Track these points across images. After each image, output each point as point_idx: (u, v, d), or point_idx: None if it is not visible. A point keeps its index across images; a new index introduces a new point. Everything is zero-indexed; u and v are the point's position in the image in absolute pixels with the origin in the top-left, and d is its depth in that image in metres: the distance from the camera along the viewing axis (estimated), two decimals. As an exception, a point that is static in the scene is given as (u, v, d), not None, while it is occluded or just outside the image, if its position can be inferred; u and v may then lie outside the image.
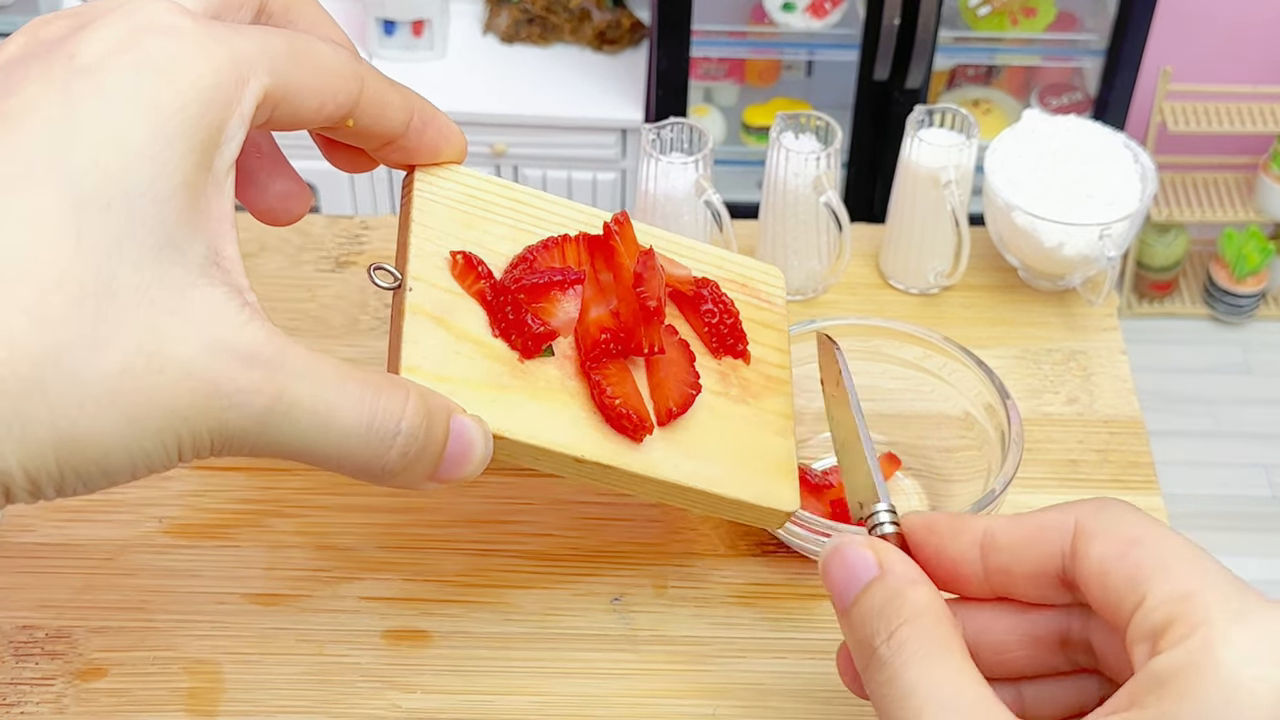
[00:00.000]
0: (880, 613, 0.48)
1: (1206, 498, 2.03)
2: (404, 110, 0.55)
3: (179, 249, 0.44)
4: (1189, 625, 0.43)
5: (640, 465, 0.60)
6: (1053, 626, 0.50)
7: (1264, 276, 2.23)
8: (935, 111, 0.85)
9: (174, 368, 0.43)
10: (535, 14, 2.08)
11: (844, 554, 0.50)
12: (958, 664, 0.46)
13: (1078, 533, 0.48)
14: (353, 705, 0.66)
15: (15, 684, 0.67)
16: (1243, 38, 2.17)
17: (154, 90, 0.44)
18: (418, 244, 0.59)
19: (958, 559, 0.50)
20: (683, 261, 0.66)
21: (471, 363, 0.57)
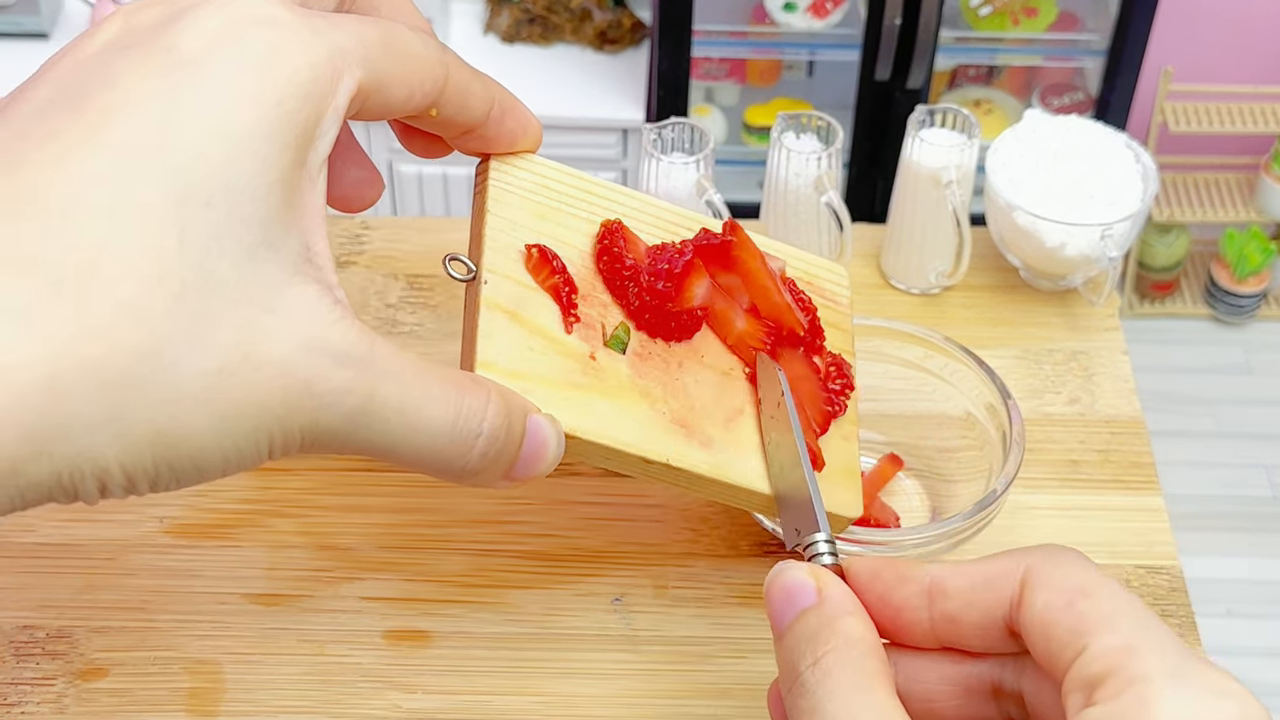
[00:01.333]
0: (810, 639, 0.47)
1: (1207, 498, 2.03)
2: (485, 99, 0.55)
3: (275, 246, 0.44)
4: (1126, 680, 0.43)
5: (708, 468, 0.59)
6: (987, 677, 0.50)
7: (1265, 277, 2.23)
8: (936, 111, 0.85)
9: (270, 366, 0.43)
10: (536, 14, 2.08)
11: (785, 578, 0.50)
12: (881, 699, 0.45)
13: (1026, 580, 0.47)
14: (353, 705, 0.66)
15: (16, 684, 0.67)
16: (1244, 38, 2.17)
17: (254, 84, 0.43)
18: (492, 235, 0.58)
19: (902, 606, 0.49)
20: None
21: (545, 359, 0.57)
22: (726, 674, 0.68)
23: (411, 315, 0.84)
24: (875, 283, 0.89)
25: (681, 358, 0.61)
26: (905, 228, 0.86)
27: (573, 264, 0.59)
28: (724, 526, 0.73)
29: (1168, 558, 0.74)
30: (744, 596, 0.71)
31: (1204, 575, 1.91)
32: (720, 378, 0.61)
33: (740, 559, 0.72)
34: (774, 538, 0.72)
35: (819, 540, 0.53)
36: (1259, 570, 1.96)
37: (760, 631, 0.69)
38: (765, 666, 0.68)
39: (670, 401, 0.59)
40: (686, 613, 0.70)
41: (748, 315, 0.63)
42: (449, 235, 0.90)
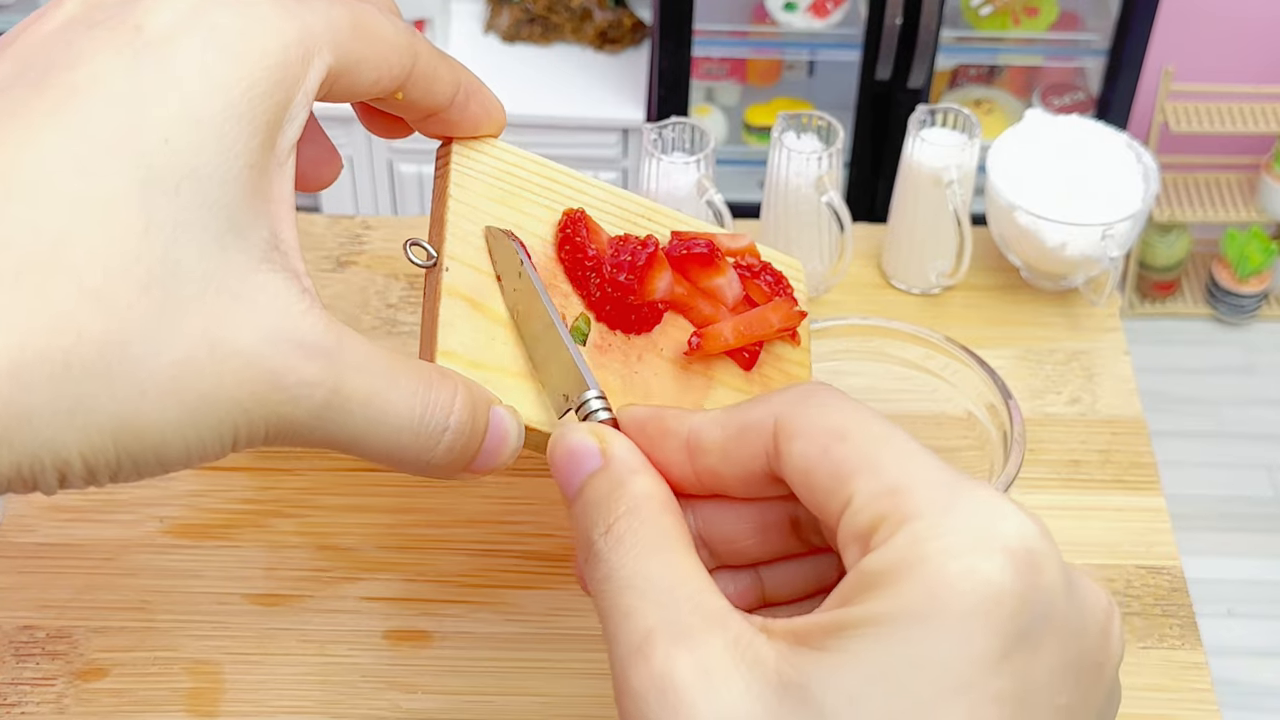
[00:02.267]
0: (600, 504, 0.46)
1: (1209, 498, 2.03)
2: (451, 83, 0.54)
3: (242, 233, 0.43)
4: (896, 522, 0.41)
5: None
6: (779, 513, 0.48)
7: (1266, 277, 2.23)
8: (937, 111, 0.85)
9: (236, 358, 0.42)
10: (536, 13, 2.08)
11: (568, 441, 0.48)
12: (676, 557, 0.44)
13: (778, 430, 0.45)
14: (354, 705, 0.66)
15: (16, 684, 0.67)
16: (1245, 38, 2.17)
17: (223, 66, 0.42)
18: (454, 221, 0.57)
19: (667, 463, 0.48)
20: (667, 234, 0.64)
21: (505, 349, 0.56)
22: (727, 674, 0.68)
23: (412, 315, 0.84)
24: (876, 283, 0.89)
25: (641, 350, 0.60)
26: (906, 228, 0.86)
27: (534, 251, 0.59)
28: (725, 526, 0.73)
29: (1169, 558, 0.74)
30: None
31: (1205, 575, 1.91)
32: (679, 372, 0.61)
33: (741, 559, 0.72)
34: (775, 538, 0.72)
35: (590, 398, 0.50)
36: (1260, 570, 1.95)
37: (761, 632, 0.69)
38: (766, 667, 0.68)
39: (629, 395, 0.59)
40: (687, 613, 0.70)
41: (717, 305, 0.62)
42: (449, 235, 0.90)
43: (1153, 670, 0.69)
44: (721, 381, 0.62)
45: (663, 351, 0.61)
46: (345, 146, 1.90)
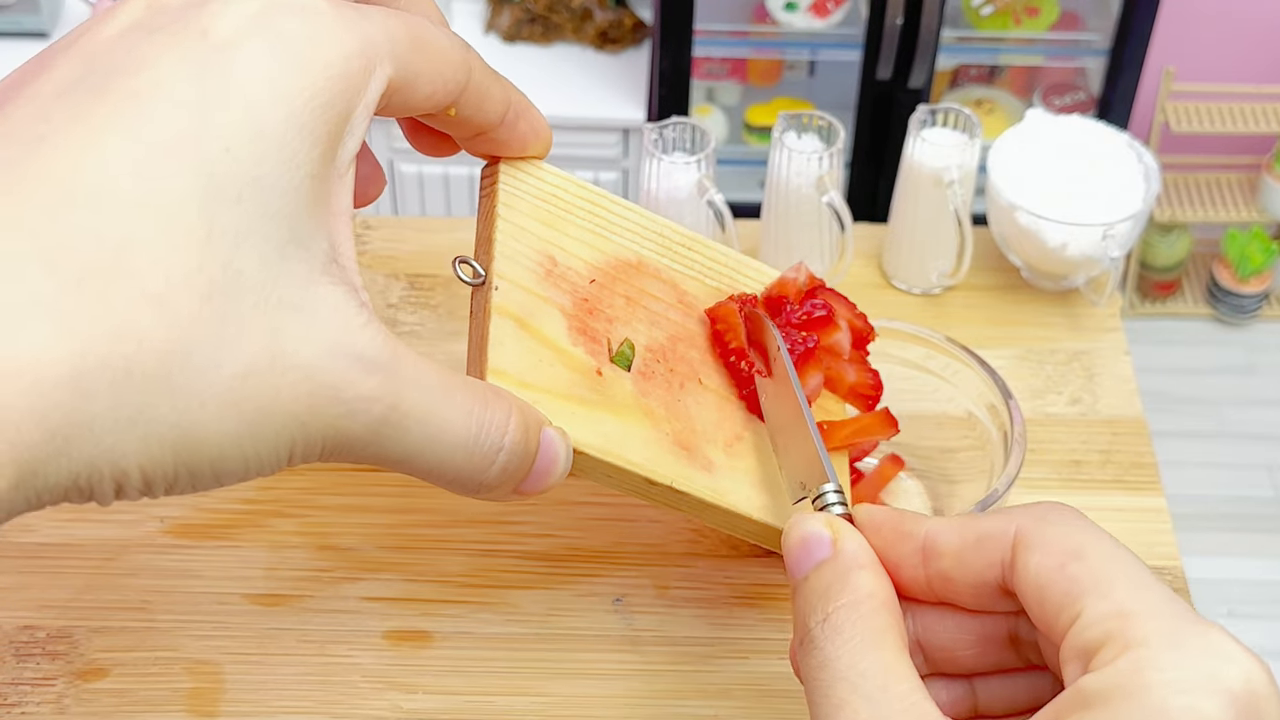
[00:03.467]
0: (822, 593, 0.46)
1: (1210, 499, 2.03)
2: (502, 101, 0.53)
3: (303, 245, 0.42)
4: (1121, 645, 0.41)
5: (710, 493, 0.58)
6: (1002, 627, 0.49)
7: (1267, 277, 2.23)
8: (938, 111, 0.85)
9: (296, 371, 0.41)
10: (537, 13, 2.08)
11: (803, 529, 0.49)
12: (891, 656, 0.44)
13: (1017, 542, 0.46)
14: (354, 706, 0.66)
15: (16, 684, 0.67)
16: (1246, 38, 2.17)
17: (288, 76, 0.42)
18: (503, 240, 0.57)
19: (899, 562, 0.48)
20: (745, 280, 0.65)
21: (553, 371, 0.55)
22: (728, 674, 0.68)
23: (412, 315, 0.84)
24: (876, 283, 0.89)
25: (683, 379, 0.60)
26: (907, 228, 0.86)
27: (577, 274, 0.59)
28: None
29: (1169, 558, 0.74)
30: (745, 597, 0.71)
31: (1206, 576, 1.91)
32: (719, 401, 0.61)
33: (741, 559, 0.72)
34: (775, 538, 0.72)
35: (828, 490, 0.51)
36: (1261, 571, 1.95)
37: (762, 632, 0.69)
38: (767, 667, 0.68)
39: (673, 422, 0.58)
40: (688, 613, 0.70)
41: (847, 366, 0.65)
42: (450, 235, 0.90)
43: (1153, 670, 0.69)
44: (758, 416, 0.62)
45: (703, 381, 0.61)
46: (346, 146, 1.90)
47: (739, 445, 0.60)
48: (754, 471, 0.60)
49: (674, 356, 0.60)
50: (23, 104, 0.41)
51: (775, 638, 0.69)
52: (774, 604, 0.70)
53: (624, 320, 0.59)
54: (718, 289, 0.64)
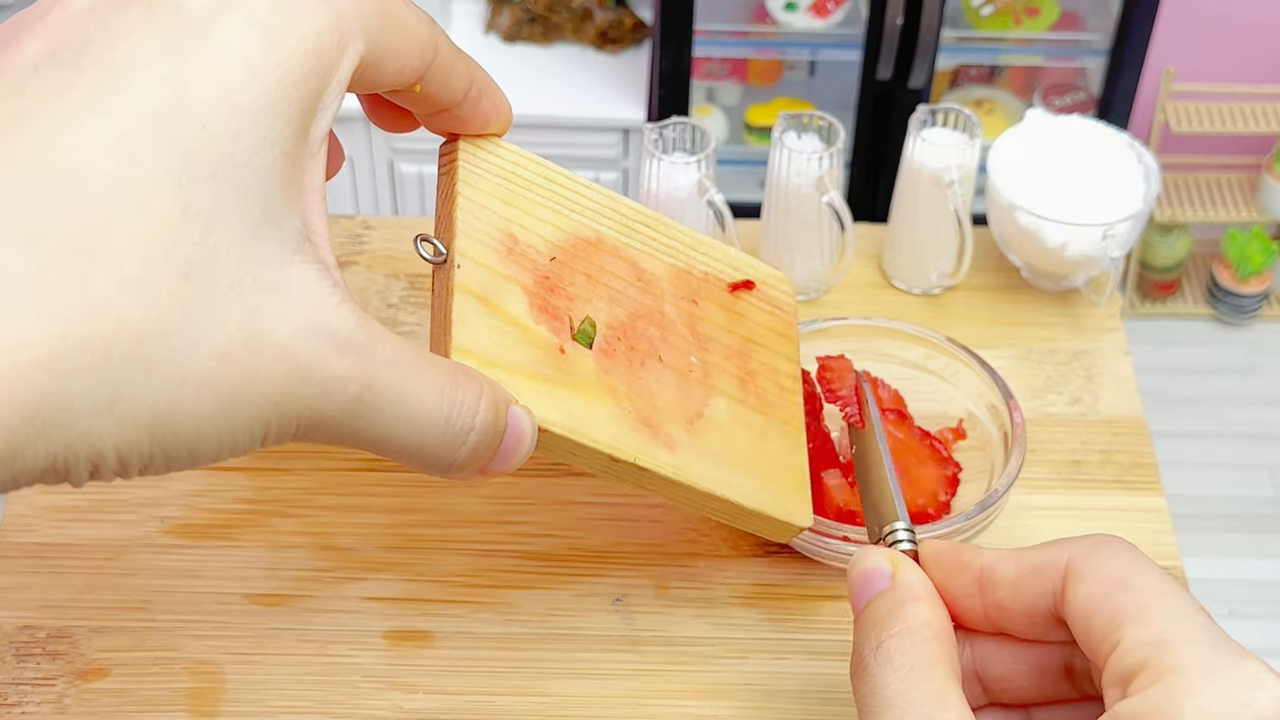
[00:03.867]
0: (877, 623, 0.48)
1: (1210, 499, 2.03)
2: (466, 78, 0.53)
3: (276, 223, 0.42)
4: (1157, 673, 0.43)
5: (672, 470, 0.59)
6: (1058, 657, 0.50)
7: (1267, 277, 2.23)
8: (938, 111, 0.84)
9: (271, 350, 0.41)
10: (537, 13, 2.08)
11: (864, 561, 0.51)
12: (940, 685, 0.45)
13: (1068, 572, 0.47)
14: (354, 706, 0.66)
15: (16, 684, 0.67)
16: (1246, 38, 2.17)
17: (262, 52, 0.41)
18: (463, 219, 0.57)
19: (957, 594, 0.50)
20: (703, 258, 0.66)
21: (517, 349, 0.56)
22: (728, 675, 0.68)
23: (412, 315, 0.84)
24: (877, 283, 0.89)
25: (644, 356, 0.60)
26: (907, 228, 0.86)
27: (538, 252, 0.59)
28: (725, 527, 0.73)
29: (1170, 558, 0.74)
30: (745, 597, 0.71)
31: (1206, 576, 1.91)
32: (679, 379, 0.61)
33: (741, 559, 0.72)
34: (775, 538, 0.72)
35: (899, 528, 0.54)
36: (1261, 571, 1.95)
37: (762, 632, 0.69)
38: (767, 667, 0.68)
39: (635, 400, 0.59)
40: (688, 613, 0.70)
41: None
42: (450, 235, 0.90)
43: (1154, 670, 0.69)
44: (721, 391, 0.62)
45: (664, 359, 0.61)
46: (346, 146, 1.90)
47: (700, 423, 0.61)
48: (716, 448, 0.61)
49: (634, 334, 0.60)
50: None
51: (775, 638, 0.69)
52: (774, 604, 0.70)
53: (585, 298, 0.59)
54: (674, 266, 0.64)
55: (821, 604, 0.71)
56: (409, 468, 0.48)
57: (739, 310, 0.66)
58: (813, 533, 0.67)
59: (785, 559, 0.72)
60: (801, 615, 0.70)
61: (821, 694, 0.67)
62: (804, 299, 0.87)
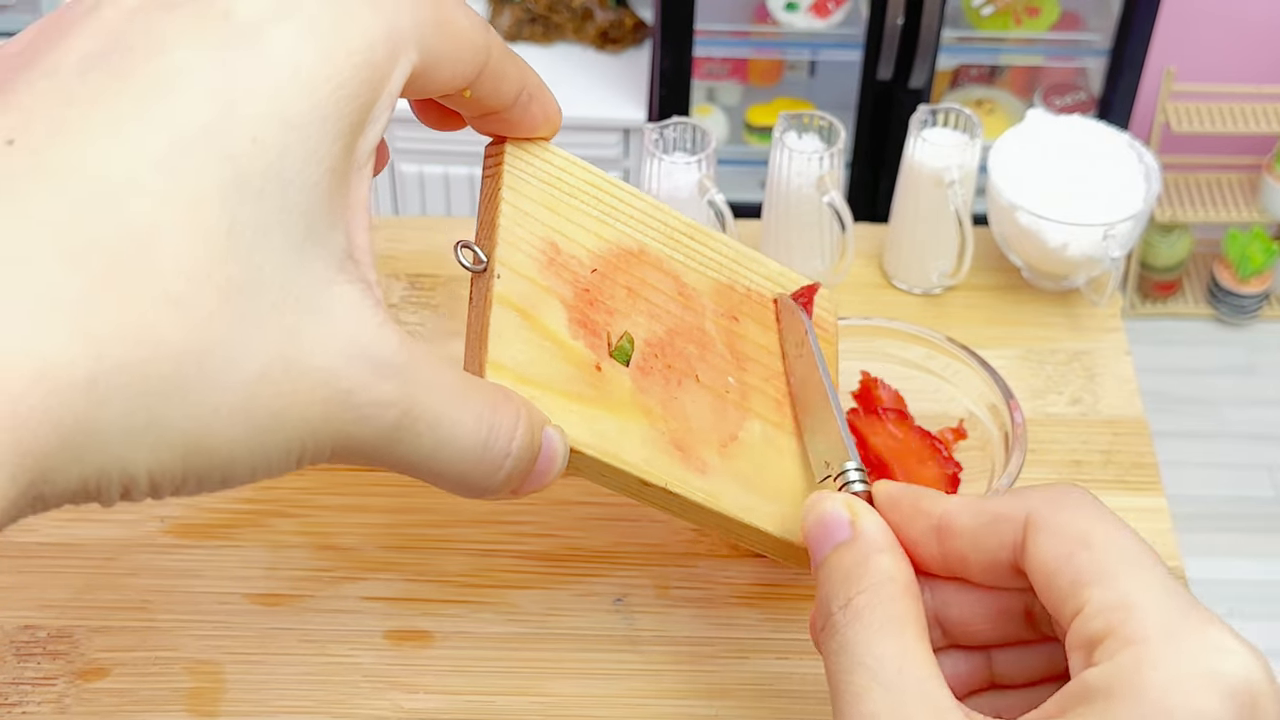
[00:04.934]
0: (844, 577, 0.47)
1: (1210, 499, 2.03)
2: (517, 82, 0.51)
3: (320, 241, 0.40)
4: (1122, 639, 0.42)
5: (704, 496, 0.56)
6: (1017, 603, 0.49)
7: (1268, 277, 2.23)
8: (939, 111, 0.85)
9: (311, 374, 0.40)
10: (538, 13, 2.08)
11: (821, 509, 0.49)
12: (909, 642, 0.45)
13: (1029, 525, 0.46)
14: (355, 705, 0.66)
15: (17, 684, 0.67)
16: (1247, 38, 2.17)
17: (314, 63, 0.40)
18: (506, 226, 0.55)
19: (916, 540, 0.49)
20: (746, 274, 0.63)
21: (553, 365, 0.53)
22: (729, 674, 0.68)
23: (413, 315, 0.84)
24: (877, 283, 0.89)
25: (681, 375, 0.58)
26: (907, 228, 0.86)
27: (579, 262, 0.57)
28: (726, 527, 0.73)
29: (1170, 558, 0.74)
30: (746, 596, 0.71)
31: (1206, 576, 1.91)
32: (715, 400, 0.59)
33: (742, 559, 0.72)
34: (776, 538, 0.72)
35: (850, 469, 0.52)
36: (1261, 571, 1.95)
37: (762, 631, 0.69)
38: (768, 667, 0.68)
39: (670, 421, 0.57)
40: (688, 613, 0.70)
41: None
42: (450, 235, 0.90)
43: (1154, 671, 0.69)
44: (757, 414, 0.60)
45: (700, 379, 0.59)
46: (346, 146, 1.90)
47: (734, 446, 0.59)
48: (748, 475, 0.59)
49: (672, 352, 0.58)
50: (41, 77, 0.39)
51: (776, 637, 0.69)
52: (774, 603, 0.70)
53: (624, 312, 0.57)
54: (717, 281, 0.62)
55: (822, 604, 0.71)
56: (446, 490, 0.47)
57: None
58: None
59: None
60: (802, 615, 0.70)
61: (822, 693, 0.67)
62: (804, 299, 0.87)
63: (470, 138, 0.58)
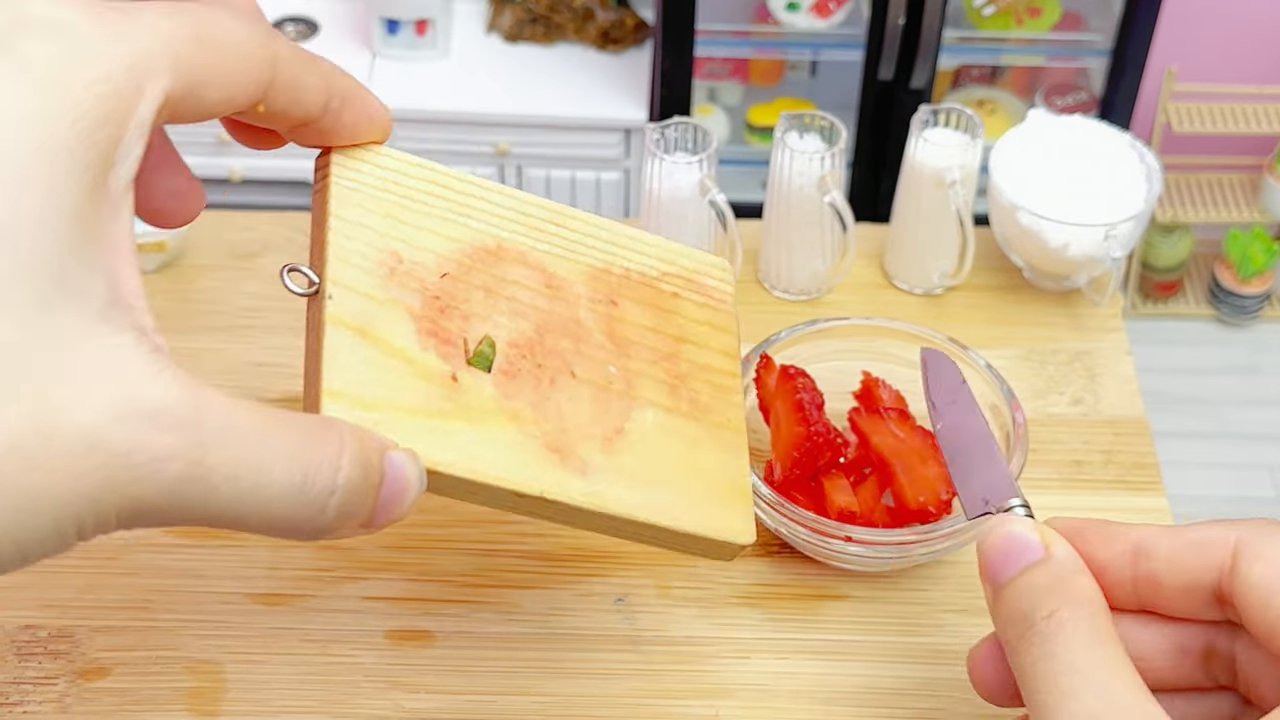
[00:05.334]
0: (1046, 590, 0.48)
1: (1211, 499, 2.03)
2: (321, 91, 0.48)
3: (73, 291, 0.37)
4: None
5: (585, 498, 0.53)
6: (1200, 639, 0.50)
7: (1269, 278, 2.23)
8: (940, 111, 0.85)
9: (74, 440, 0.36)
10: (539, 13, 2.08)
11: (1009, 532, 0.50)
12: (1116, 655, 0.46)
13: (1239, 551, 0.48)
14: (356, 705, 0.66)
15: (18, 683, 0.67)
16: (1248, 38, 2.17)
17: (39, 101, 0.37)
18: (336, 241, 0.51)
19: (1105, 565, 0.50)
20: (624, 254, 0.60)
21: (401, 384, 0.50)
22: (730, 674, 0.68)
23: (414, 315, 0.84)
24: (878, 283, 0.89)
25: (554, 374, 0.55)
26: (909, 228, 0.86)
27: (426, 269, 0.53)
28: (727, 527, 0.73)
29: (1171, 558, 0.74)
30: (747, 597, 0.71)
31: (1207, 576, 1.91)
32: (596, 393, 0.56)
33: (743, 559, 0.72)
34: (777, 537, 0.72)
35: (1016, 504, 0.54)
36: (1262, 571, 1.95)
37: (764, 632, 0.69)
38: (769, 667, 0.68)
39: (542, 424, 0.53)
40: (689, 613, 0.70)
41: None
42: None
43: (1155, 671, 0.70)
44: (647, 401, 0.57)
45: (577, 373, 0.56)
46: (348, 146, 1.90)
47: (620, 440, 0.55)
48: (637, 468, 0.55)
49: (542, 350, 0.55)
50: None
51: (777, 637, 0.69)
52: (775, 603, 0.70)
53: (483, 315, 0.54)
54: (591, 266, 0.58)
55: (823, 604, 0.71)
56: (278, 539, 0.44)
57: (667, 307, 0.60)
58: (815, 533, 0.67)
59: (787, 558, 0.72)
60: (803, 615, 0.70)
61: (823, 693, 0.67)
62: (806, 299, 0.87)
63: (472, 136, 0.57)
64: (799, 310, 0.86)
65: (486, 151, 2.00)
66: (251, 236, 0.88)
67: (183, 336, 0.82)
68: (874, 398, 0.72)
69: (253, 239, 0.88)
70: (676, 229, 0.81)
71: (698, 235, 0.82)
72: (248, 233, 0.89)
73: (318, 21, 2.05)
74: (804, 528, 0.67)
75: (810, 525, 0.67)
